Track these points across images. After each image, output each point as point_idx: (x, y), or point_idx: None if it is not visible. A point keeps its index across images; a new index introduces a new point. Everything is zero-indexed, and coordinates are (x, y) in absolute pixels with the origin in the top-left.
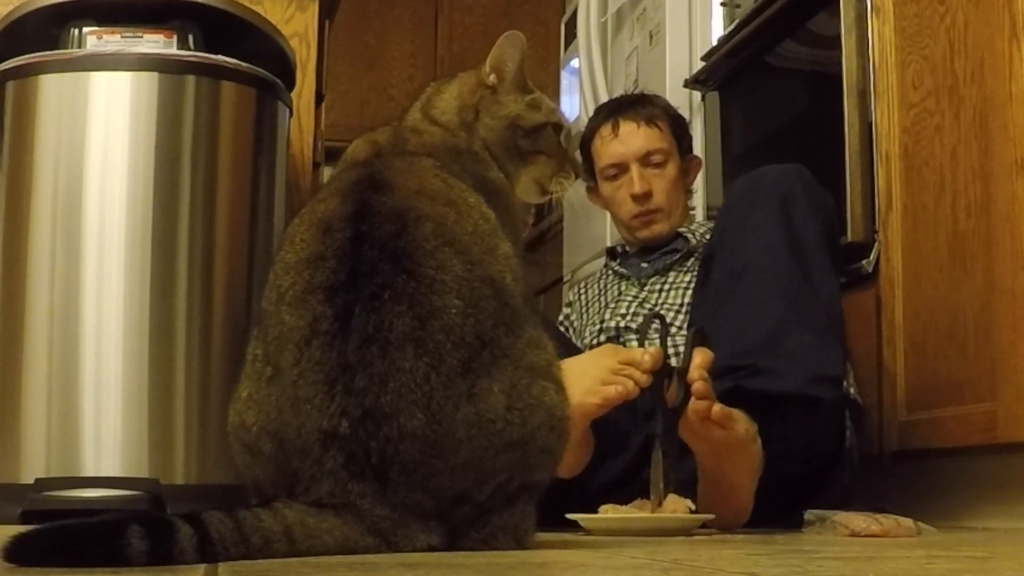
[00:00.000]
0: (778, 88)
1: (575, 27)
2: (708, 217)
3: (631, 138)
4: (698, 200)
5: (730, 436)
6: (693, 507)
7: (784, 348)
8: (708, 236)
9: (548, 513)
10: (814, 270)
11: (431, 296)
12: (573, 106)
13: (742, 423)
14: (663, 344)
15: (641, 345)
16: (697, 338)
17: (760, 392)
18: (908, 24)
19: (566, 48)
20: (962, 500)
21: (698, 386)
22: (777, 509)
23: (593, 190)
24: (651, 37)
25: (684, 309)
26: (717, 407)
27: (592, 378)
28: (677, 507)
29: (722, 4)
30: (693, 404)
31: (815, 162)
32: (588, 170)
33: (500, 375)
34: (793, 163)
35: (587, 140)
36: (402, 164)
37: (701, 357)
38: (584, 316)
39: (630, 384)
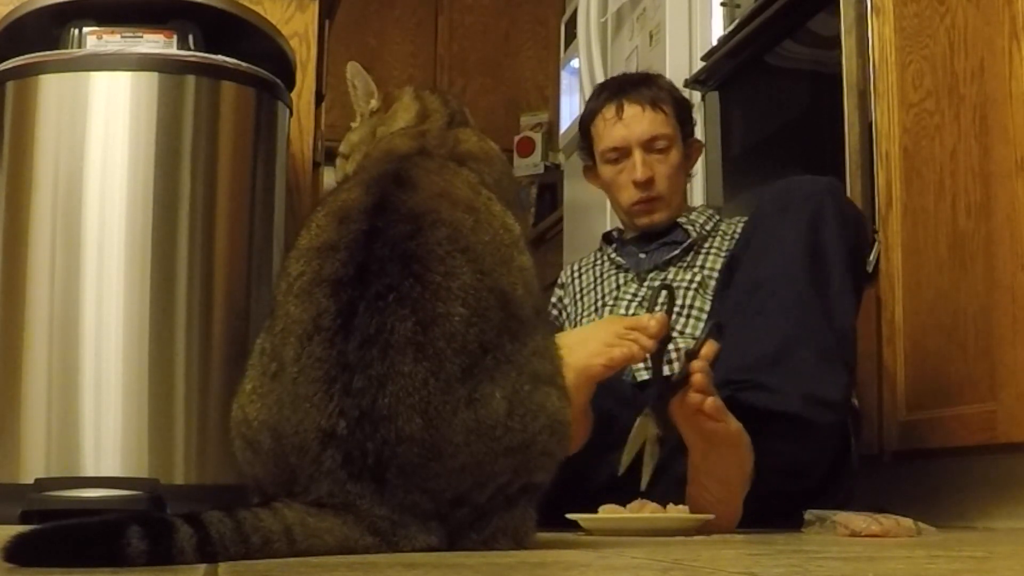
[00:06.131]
0: (778, 88)
1: (575, 27)
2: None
3: (635, 122)
4: (698, 200)
5: (721, 429)
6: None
7: (785, 366)
8: (708, 227)
9: (549, 511)
10: (833, 291)
11: (436, 303)
12: (573, 106)
13: (734, 422)
14: (668, 314)
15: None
16: (714, 331)
17: (754, 407)
18: (908, 24)
19: (566, 48)
20: (962, 500)
21: (697, 378)
22: (776, 511)
23: (591, 170)
24: (651, 37)
25: (685, 311)
26: (711, 400)
27: (598, 341)
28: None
29: (722, 4)
30: (689, 396)
31: (815, 162)
32: (587, 150)
33: (503, 380)
34: (827, 176)
35: (588, 120)
36: (433, 165)
37: (709, 348)
38: (579, 304)
39: (635, 347)
